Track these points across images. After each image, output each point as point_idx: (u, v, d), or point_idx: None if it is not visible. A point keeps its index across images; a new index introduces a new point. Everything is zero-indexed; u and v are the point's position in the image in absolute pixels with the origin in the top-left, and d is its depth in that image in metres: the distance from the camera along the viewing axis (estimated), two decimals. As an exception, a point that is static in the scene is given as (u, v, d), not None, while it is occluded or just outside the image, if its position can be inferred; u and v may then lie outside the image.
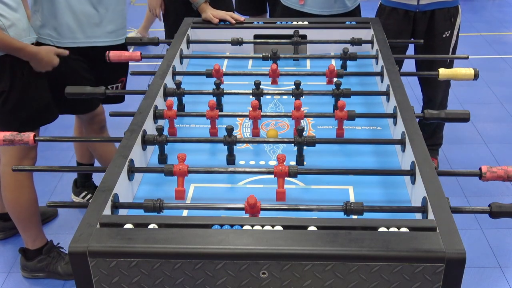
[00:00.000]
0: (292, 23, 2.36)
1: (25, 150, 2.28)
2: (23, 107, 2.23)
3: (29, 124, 2.24)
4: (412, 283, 1.08)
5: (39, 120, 2.33)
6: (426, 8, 2.76)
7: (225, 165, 1.55)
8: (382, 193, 1.45)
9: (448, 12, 2.79)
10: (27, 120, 2.26)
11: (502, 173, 1.35)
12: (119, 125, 2.65)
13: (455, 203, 1.31)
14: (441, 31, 2.81)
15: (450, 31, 2.82)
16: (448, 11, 2.78)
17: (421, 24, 2.81)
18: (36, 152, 2.37)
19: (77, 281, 1.13)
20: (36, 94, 2.27)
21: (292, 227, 1.15)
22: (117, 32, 2.46)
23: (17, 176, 2.30)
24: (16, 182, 2.31)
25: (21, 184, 2.32)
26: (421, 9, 2.77)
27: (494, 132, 3.66)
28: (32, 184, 2.37)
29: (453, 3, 2.79)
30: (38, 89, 2.28)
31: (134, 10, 6.43)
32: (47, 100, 2.33)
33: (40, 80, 2.28)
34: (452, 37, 2.84)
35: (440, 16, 2.78)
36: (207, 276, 1.10)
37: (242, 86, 1.95)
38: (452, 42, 2.86)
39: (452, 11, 2.79)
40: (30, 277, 2.49)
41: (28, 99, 2.24)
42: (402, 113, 1.60)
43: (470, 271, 2.47)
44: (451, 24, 2.81)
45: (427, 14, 2.78)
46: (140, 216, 1.21)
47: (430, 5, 2.76)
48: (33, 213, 2.38)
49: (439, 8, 2.77)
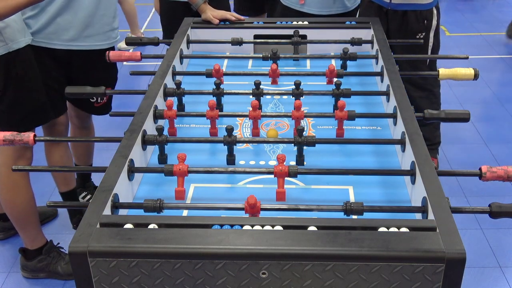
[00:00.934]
0: (292, 23, 2.36)
1: (21, 151, 2.27)
2: (18, 107, 2.21)
3: (23, 125, 2.22)
4: (412, 283, 1.08)
5: (33, 121, 2.30)
6: (397, 7, 2.76)
7: (225, 165, 1.55)
8: (382, 193, 1.45)
9: (420, 14, 2.77)
10: (21, 120, 2.24)
11: (502, 173, 1.35)
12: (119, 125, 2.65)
13: (455, 203, 1.31)
14: (414, 31, 2.79)
15: (424, 33, 2.80)
16: (421, 13, 2.77)
17: (394, 22, 2.80)
18: (32, 153, 2.35)
19: (77, 281, 1.13)
20: (31, 95, 2.25)
21: (292, 227, 1.15)
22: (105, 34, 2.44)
23: (13, 176, 2.28)
24: (11, 183, 2.30)
25: (16, 184, 2.30)
26: (392, 8, 2.77)
27: (494, 132, 3.66)
28: (28, 184, 2.35)
29: (426, 6, 2.76)
30: (33, 89, 2.26)
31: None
32: (42, 100, 2.30)
33: (35, 80, 2.26)
34: (428, 39, 2.83)
35: (412, 17, 2.77)
36: (207, 276, 1.10)
37: (242, 86, 1.95)
38: (429, 44, 2.84)
39: (424, 13, 2.77)
40: (30, 277, 2.49)
41: (23, 99, 2.22)
42: (402, 113, 1.60)
43: (470, 271, 2.47)
44: (425, 26, 2.79)
45: (399, 13, 2.77)
46: (140, 216, 1.21)
47: (401, 5, 2.75)
48: (30, 213, 2.37)
49: (411, 10, 2.77)
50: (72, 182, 2.67)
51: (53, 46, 2.33)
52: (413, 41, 2.68)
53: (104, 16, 2.36)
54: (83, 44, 2.36)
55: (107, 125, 3.37)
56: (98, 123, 2.95)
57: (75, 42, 2.35)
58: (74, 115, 2.73)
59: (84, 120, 2.78)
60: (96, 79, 2.42)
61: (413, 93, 2.94)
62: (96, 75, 2.48)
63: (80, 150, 2.84)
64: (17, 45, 2.15)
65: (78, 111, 2.70)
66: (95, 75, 2.48)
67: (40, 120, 2.35)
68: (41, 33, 2.29)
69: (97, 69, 2.45)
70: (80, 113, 2.73)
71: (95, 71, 2.47)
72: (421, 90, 2.96)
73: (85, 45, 2.37)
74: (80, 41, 2.35)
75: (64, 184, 2.64)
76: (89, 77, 2.45)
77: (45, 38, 2.30)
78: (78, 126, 2.78)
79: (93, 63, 2.39)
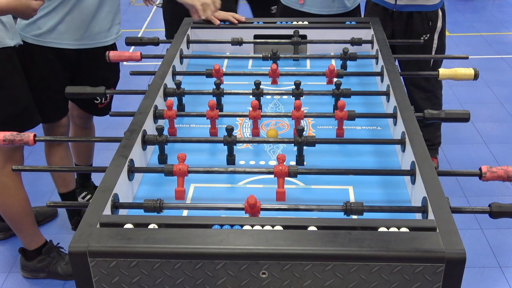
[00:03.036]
0: (292, 23, 2.36)
1: (9, 152, 2.23)
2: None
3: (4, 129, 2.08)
4: (412, 283, 1.08)
5: (16, 125, 2.15)
6: (403, 8, 2.76)
7: (225, 165, 1.55)
8: (382, 193, 1.45)
9: (425, 16, 2.78)
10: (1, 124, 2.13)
11: (502, 173, 1.35)
12: (119, 125, 2.66)
13: (455, 203, 1.31)
14: (419, 33, 2.79)
15: (429, 34, 2.81)
16: (426, 15, 2.77)
17: (399, 24, 2.80)
18: (22, 155, 2.32)
19: (77, 281, 1.13)
20: (13, 100, 2.18)
21: (292, 227, 1.15)
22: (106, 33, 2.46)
23: (1, 178, 2.25)
24: (1, 185, 2.26)
25: (6, 186, 2.27)
26: (398, 9, 2.77)
27: (494, 132, 3.66)
28: (20, 185, 2.32)
29: (431, 7, 2.77)
30: (14, 92, 2.18)
31: (134, 10, 6.43)
32: (24, 104, 2.22)
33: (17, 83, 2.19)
34: (432, 41, 2.83)
35: (417, 18, 2.77)
36: (207, 276, 1.10)
37: (242, 86, 1.95)
38: (433, 45, 2.84)
39: (430, 15, 2.78)
40: (30, 277, 2.49)
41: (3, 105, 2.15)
42: (402, 113, 1.60)
43: (470, 271, 2.47)
44: (429, 28, 2.79)
45: (404, 14, 2.78)
46: (140, 216, 1.21)
47: (406, 7, 2.75)
48: (24, 214, 2.35)
49: (416, 11, 2.77)
50: (71, 183, 2.67)
51: (62, 46, 2.34)
52: (413, 41, 2.68)
53: (109, 13, 2.40)
54: (91, 42, 2.39)
55: (107, 125, 3.37)
56: (98, 123, 2.95)
57: (84, 40, 2.38)
58: (77, 115, 2.73)
59: (86, 121, 2.79)
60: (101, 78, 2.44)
61: (415, 95, 2.94)
62: (101, 74, 2.50)
63: (80, 150, 2.84)
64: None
65: (80, 111, 2.70)
66: (100, 73, 2.49)
67: (23, 125, 2.21)
68: (51, 33, 2.29)
69: (103, 67, 2.46)
70: (83, 114, 2.73)
71: (101, 70, 2.47)
72: (423, 92, 2.96)
73: (93, 43, 2.40)
74: (88, 39, 2.38)
75: (63, 186, 2.64)
76: (95, 76, 2.47)
77: (55, 38, 2.31)
78: (80, 127, 2.79)
79: (99, 60, 2.40)
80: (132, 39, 2.38)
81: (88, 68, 2.47)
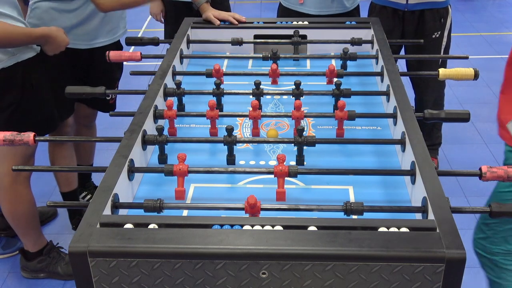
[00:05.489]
0: (292, 23, 2.36)
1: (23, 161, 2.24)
2: (28, 118, 2.20)
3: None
4: (412, 283, 1.08)
5: (42, 130, 2.24)
6: (414, 7, 2.75)
7: (225, 165, 1.55)
8: (382, 193, 1.45)
9: (437, 13, 2.77)
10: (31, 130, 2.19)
11: (502, 173, 1.35)
12: (119, 125, 2.66)
13: (455, 203, 1.31)
14: (431, 31, 2.79)
15: (440, 32, 2.80)
16: (438, 12, 2.77)
17: (410, 24, 2.80)
18: (34, 161, 2.34)
19: (77, 281, 1.13)
20: (42, 106, 2.25)
21: (292, 227, 1.15)
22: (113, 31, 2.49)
23: (15, 186, 2.26)
24: (13, 193, 2.27)
25: (19, 194, 2.28)
26: (410, 9, 2.76)
27: (494, 132, 3.64)
28: (29, 192, 2.34)
29: (443, 3, 2.77)
30: (45, 101, 2.26)
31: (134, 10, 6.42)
32: (52, 110, 2.31)
33: (46, 90, 2.26)
34: (442, 38, 2.83)
35: (429, 16, 2.77)
36: (207, 276, 1.10)
37: (242, 86, 1.95)
38: (443, 43, 2.85)
39: (441, 11, 2.78)
40: (30, 277, 2.50)
41: (35, 111, 2.21)
42: (402, 113, 1.60)
43: (470, 271, 2.46)
44: (440, 25, 2.79)
45: (415, 14, 2.77)
46: (140, 216, 1.21)
47: (418, 5, 2.75)
48: (31, 219, 2.37)
49: (428, 9, 2.76)
50: (74, 182, 2.68)
51: (78, 46, 2.38)
52: (413, 41, 2.69)
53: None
54: (104, 40, 2.45)
55: (107, 125, 3.37)
56: (98, 123, 2.94)
57: (97, 39, 2.43)
58: (82, 114, 2.74)
59: (91, 119, 2.82)
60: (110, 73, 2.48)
61: (425, 96, 2.96)
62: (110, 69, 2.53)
63: (82, 149, 2.85)
64: (25, 56, 2.14)
65: (87, 110, 2.71)
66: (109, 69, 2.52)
67: (48, 129, 2.34)
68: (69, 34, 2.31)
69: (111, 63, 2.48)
70: (89, 113, 2.74)
71: (109, 66, 2.48)
72: (431, 94, 2.98)
73: (105, 41, 2.47)
74: (102, 37, 2.43)
75: (66, 185, 2.64)
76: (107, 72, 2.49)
77: (72, 39, 2.33)
78: (84, 125, 2.80)
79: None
80: (132, 39, 2.38)
81: (101, 67, 2.50)
